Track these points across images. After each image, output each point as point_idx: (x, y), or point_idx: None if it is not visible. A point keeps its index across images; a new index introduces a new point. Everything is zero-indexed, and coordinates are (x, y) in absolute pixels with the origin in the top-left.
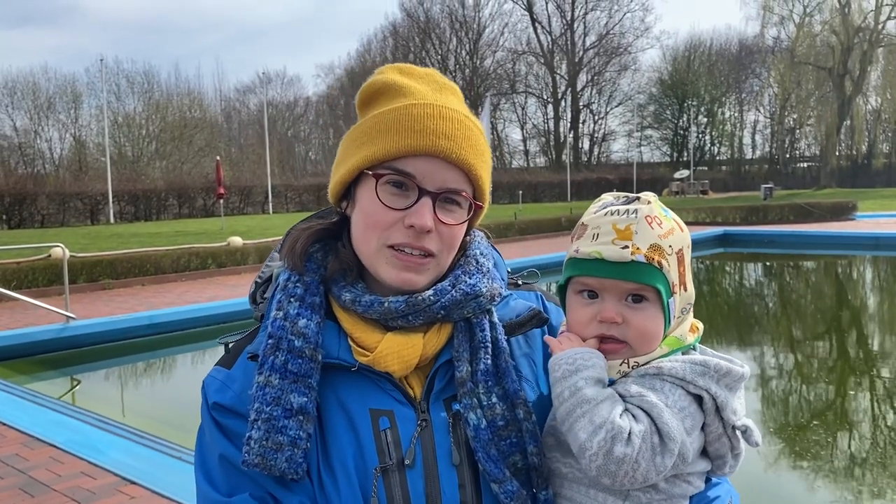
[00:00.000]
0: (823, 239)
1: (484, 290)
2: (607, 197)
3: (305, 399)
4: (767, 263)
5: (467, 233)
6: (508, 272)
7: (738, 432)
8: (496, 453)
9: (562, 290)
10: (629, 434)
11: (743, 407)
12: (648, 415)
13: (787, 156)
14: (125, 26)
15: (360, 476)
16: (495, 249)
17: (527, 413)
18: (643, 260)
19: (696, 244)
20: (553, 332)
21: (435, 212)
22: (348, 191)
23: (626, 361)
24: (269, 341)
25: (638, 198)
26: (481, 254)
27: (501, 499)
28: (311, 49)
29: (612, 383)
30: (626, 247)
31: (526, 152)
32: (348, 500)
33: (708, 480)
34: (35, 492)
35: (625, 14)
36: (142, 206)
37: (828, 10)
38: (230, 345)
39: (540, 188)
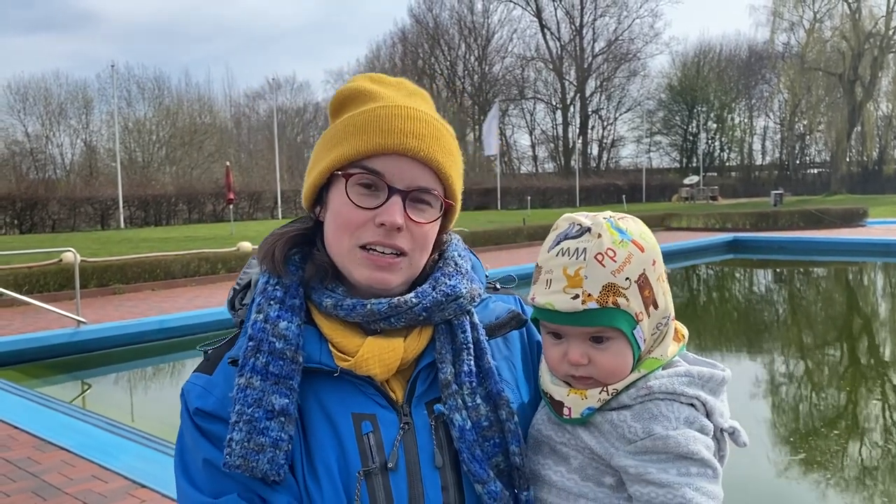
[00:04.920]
0: (834, 245)
1: (464, 290)
2: (563, 224)
3: (287, 401)
4: (777, 270)
5: (441, 233)
6: (486, 276)
7: (725, 434)
8: (480, 454)
9: (535, 321)
10: None
11: (728, 409)
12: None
13: (798, 162)
14: (136, 33)
15: (344, 480)
16: (472, 252)
17: (509, 413)
18: (596, 306)
19: (706, 250)
20: (532, 334)
21: (406, 210)
22: (321, 196)
23: (605, 389)
24: (250, 343)
25: (589, 228)
26: (459, 255)
27: (485, 500)
28: (320, 55)
29: (594, 411)
30: (577, 296)
31: (535, 158)
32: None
33: None
34: (47, 495)
35: (634, 20)
36: (152, 212)
37: (838, 16)
38: (209, 351)
39: (549, 194)
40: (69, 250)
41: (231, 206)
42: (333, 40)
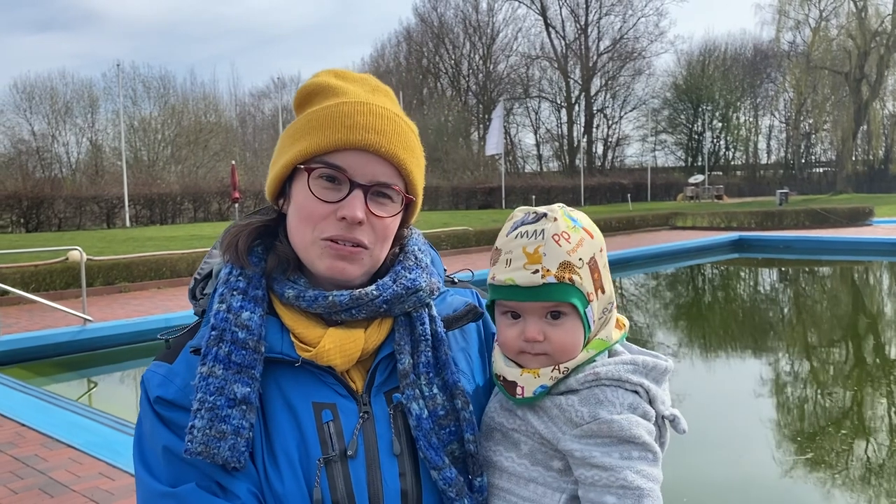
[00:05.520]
0: (840, 244)
1: (423, 284)
2: (518, 214)
3: (248, 389)
4: (783, 269)
5: (403, 228)
6: (444, 270)
7: (666, 422)
8: (437, 441)
9: (489, 307)
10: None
11: (669, 397)
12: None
13: (803, 161)
14: (142, 33)
15: (304, 467)
16: (432, 247)
17: (465, 403)
18: (554, 281)
19: (711, 249)
20: (488, 327)
21: (367, 205)
22: (284, 188)
23: (556, 367)
24: (213, 333)
25: (545, 214)
26: (419, 250)
27: (440, 485)
28: (325, 54)
29: (547, 390)
30: (537, 271)
31: (539, 157)
32: (293, 491)
33: None
34: (55, 492)
35: (639, 19)
36: (157, 210)
37: (844, 15)
38: (170, 340)
39: (553, 193)
40: (75, 249)
41: (236, 205)
42: (338, 40)
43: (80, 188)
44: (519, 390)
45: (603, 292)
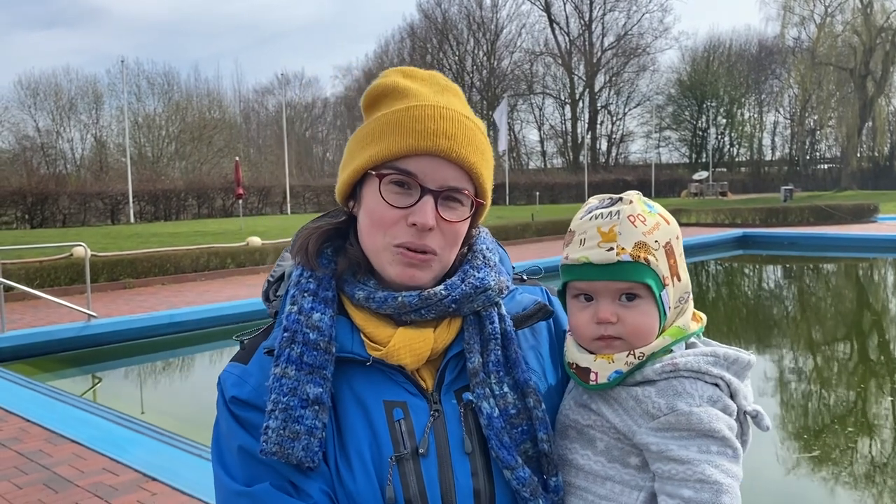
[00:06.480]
0: (844, 241)
1: (492, 283)
2: (593, 201)
3: (321, 390)
4: (787, 266)
5: (471, 228)
6: (513, 268)
7: (748, 418)
8: (509, 441)
9: (561, 294)
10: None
11: (751, 393)
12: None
13: (808, 157)
14: (146, 29)
15: (376, 465)
16: (500, 246)
17: (537, 401)
18: (629, 259)
19: (715, 246)
20: (558, 325)
21: (437, 209)
22: (354, 191)
23: (632, 353)
24: (285, 334)
25: (621, 198)
26: (487, 248)
27: (513, 485)
28: (329, 51)
29: (622, 375)
30: (612, 248)
31: (543, 153)
32: (365, 488)
33: None
34: (58, 487)
35: (643, 15)
36: (161, 206)
37: (849, 11)
38: (245, 341)
39: (557, 189)
40: (80, 245)
41: (240, 202)
42: (342, 36)
43: (85, 184)
44: (592, 376)
45: (679, 280)
